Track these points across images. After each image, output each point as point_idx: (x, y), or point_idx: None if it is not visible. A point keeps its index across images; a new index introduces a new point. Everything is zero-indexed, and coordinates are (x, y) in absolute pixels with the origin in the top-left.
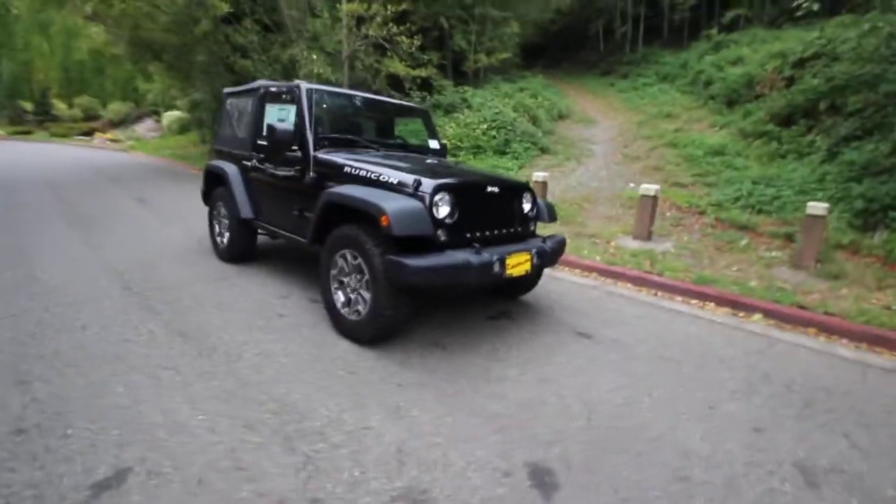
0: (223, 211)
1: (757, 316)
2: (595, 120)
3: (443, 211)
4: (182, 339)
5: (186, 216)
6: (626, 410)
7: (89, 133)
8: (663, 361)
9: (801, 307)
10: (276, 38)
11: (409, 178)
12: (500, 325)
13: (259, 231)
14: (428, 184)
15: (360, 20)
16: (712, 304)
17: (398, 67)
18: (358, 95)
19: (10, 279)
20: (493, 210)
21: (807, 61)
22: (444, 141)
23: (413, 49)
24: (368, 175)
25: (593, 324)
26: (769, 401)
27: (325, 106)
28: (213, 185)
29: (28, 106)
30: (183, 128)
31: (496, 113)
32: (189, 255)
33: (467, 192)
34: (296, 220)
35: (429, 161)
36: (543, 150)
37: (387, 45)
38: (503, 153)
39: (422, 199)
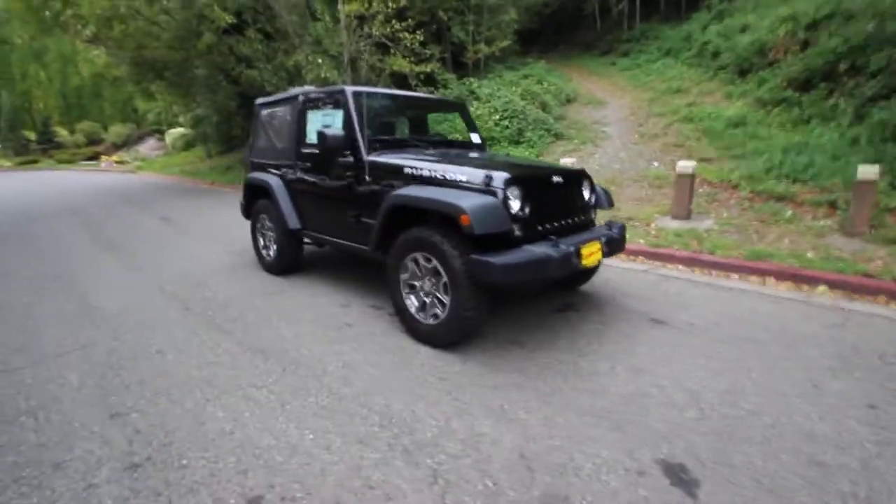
0: (268, 223)
1: (822, 288)
2: (604, 101)
3: (515, 205)
4: (262, 357)
5: (215, 231)
6: (733, 397)
7: (94, 157)
8: (748, 342)
9: (867, 275)
10: (280, 45)
11: (478, 174)
12: (570, 318)
13: (305, 241)
14: (499, 178)
15: (361, 19)
16: (772, 279)
17: (403, 64)
18: (399, 94)
19: (67, 309)
20: (559, 200)
21: (820, 22)
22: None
23: (416, 45)
24: (433, 175)
25: (662, 309)
26: (870, 375)
27: (368, 108)
28: (255, 197)
29: (31, 135)
30: (188, 144)
31: (506, 102)
32: (234, 270)
33: (535, 183)
34: (352, 226)
35: (480, 155)
36: (557, 136)
37: (389, 44)
38: (518, 142)
39: (494, 195)
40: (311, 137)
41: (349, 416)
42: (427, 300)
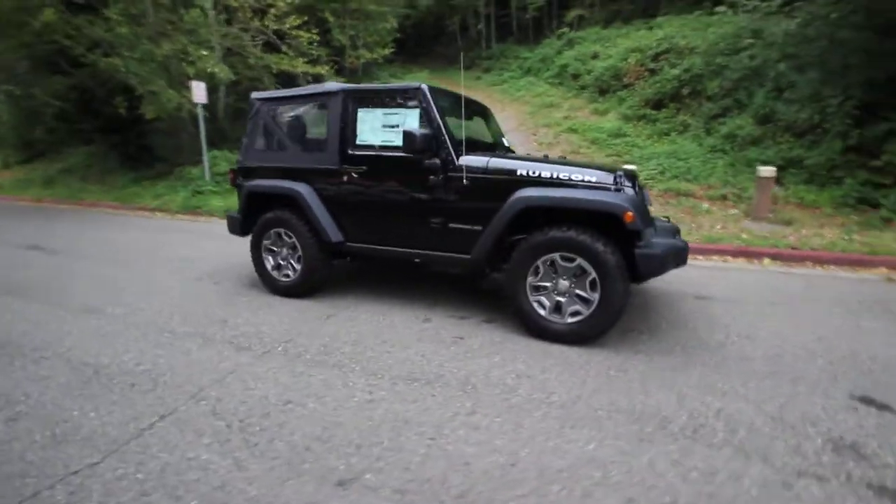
0: (287, 239)
1: (766, 260)
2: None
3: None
4: (425, 385)
5: (137, 257)
6: (818, 340)
7: None
8: (779, 306)
9: (793, 247)
10: (141, 30)
11: (606, 175)
12: (634, 301)
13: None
14: (626, 178)
15: (255, 12)
16: (730, 257)
17: (297, 64)
18: (455, 95)
19: (68, 380)
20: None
21: (661, 55)
22: None
23: (307, 45)
24: (555, 177)
25: (698, 288)
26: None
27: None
28: (259, 209)
29: None
30: None
31: None
32: (234, 298)
33: (636, 182)
34: (436, 234)
35: (559, 158)
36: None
37: (278, 41)
38: None
39: (622, 192)
40: (365, 138)
41: (595, 419)
42: (563, 300)
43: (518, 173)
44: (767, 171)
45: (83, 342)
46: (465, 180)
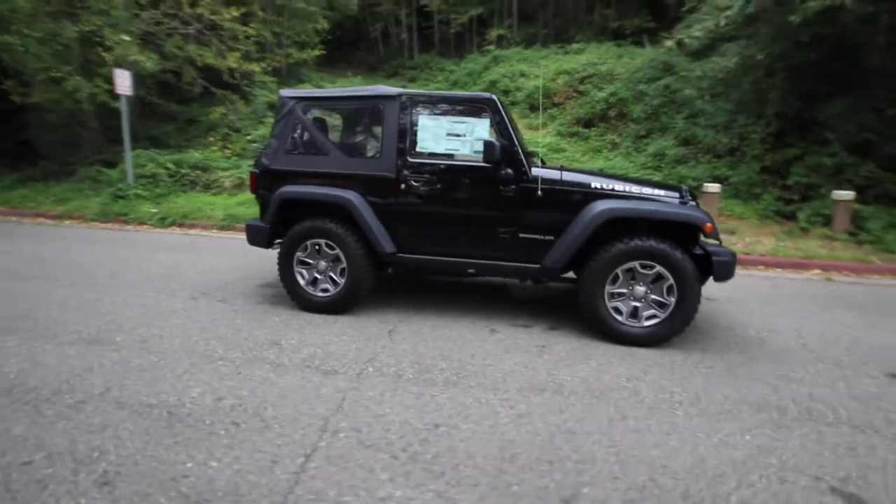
0: (330, 250)
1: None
2: None
3: None
4: (567, 395)
5: (83, 271)
6: (835, 329)
7: None
8: (779, 302)
9: (746, 254)
10: (40, 4)
11: (671, 192)
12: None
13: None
14: (687, 192)
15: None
16: None
17: (232, 59)
18: None
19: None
20: None
21: (587, 78)
22: None
23: (246, 38)
24: (626, 190)
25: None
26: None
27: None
28: (292, 218)
29: None
30: None
31: None
32: (266, 318)
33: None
34: (505, 243)
35: (609, 173)
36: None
37: (206, 32)
38: None
39: (687, 205)
40: (427, 146)
41: (728, 413)
42: (639, 305)
43: (592, 186)
44: (713, 187)
45: (118, 379)
46: (539, 192)
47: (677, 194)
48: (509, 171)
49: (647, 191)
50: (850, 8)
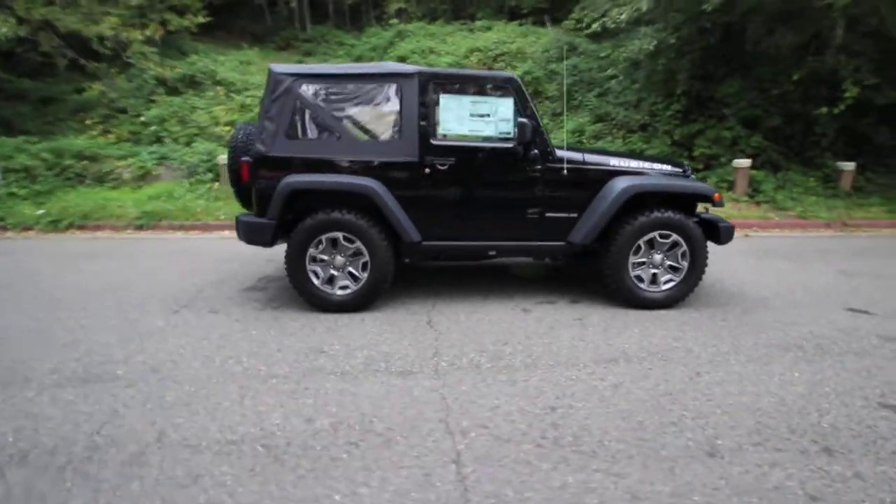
0: (350, 244)
1: None
2: None
3: None
4: (642, 362)
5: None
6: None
7: None
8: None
9: None
10: None
11: (676, 167)
12: None
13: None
14: (686, 167)
15: None
16: None
17: (113, 23)
18: None
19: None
20: None
21: (499, 56)
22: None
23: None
24: (641, 167)
25: None
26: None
27: None
28: (300, 211)
29: None
30: None
31: None
32: (272, 324)
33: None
34: (533, 223)
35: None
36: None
37: None
38: None
39: (688, 178)
40: (450, 127)
41: (773, 356)
42: (657, 271)
43: (612, 164)
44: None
45: (165, 419)
46: (564, 171)
47: (680, 169)
48: (536, 151)
49: (658, 167)
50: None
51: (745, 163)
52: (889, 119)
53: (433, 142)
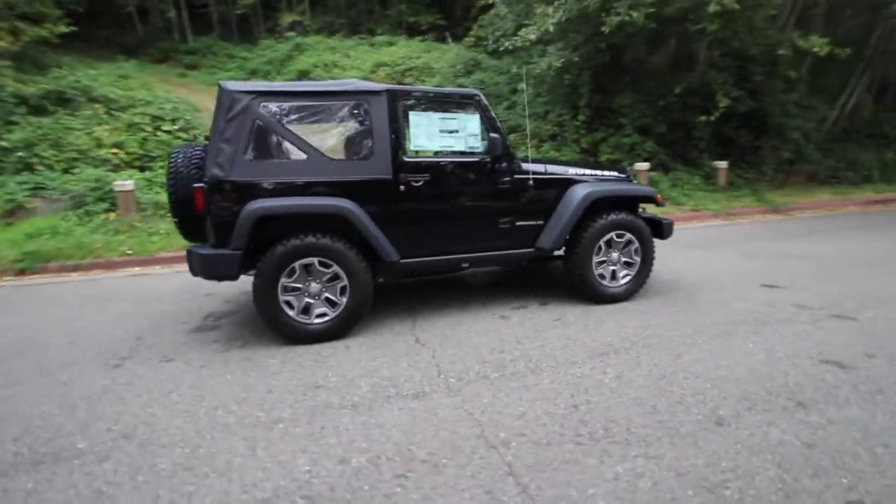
0: (326, 269)
1: None
2: None
3: None
4: (639, 351)
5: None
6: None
7: None
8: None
9: None
10: None
11: (620, 173)
12: None
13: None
14: (628, 172)
15: None
16: None
17: None
18: None
19: None
20: None
21: (407, 71)
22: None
23: None
24: (592, 176)
25: None
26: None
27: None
28: (266, 238)
29: None
30: None
31: (173, 105)
32: (291, 358)
33: None
34: (505, 234)
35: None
36: None
37: None
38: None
39: (630, 182)
40: (421, 144)
41: (755, 327)
42: (616, 268)
43: (570, 174)
44: (643, 165)
45: (170, 492)
46: (530, 181)
47: (624, 175)
48: (504, 164)
49: (606, 174)
50: (636, 22)
51: (644, 166)
52: (748, 124)
53: (406, 159)
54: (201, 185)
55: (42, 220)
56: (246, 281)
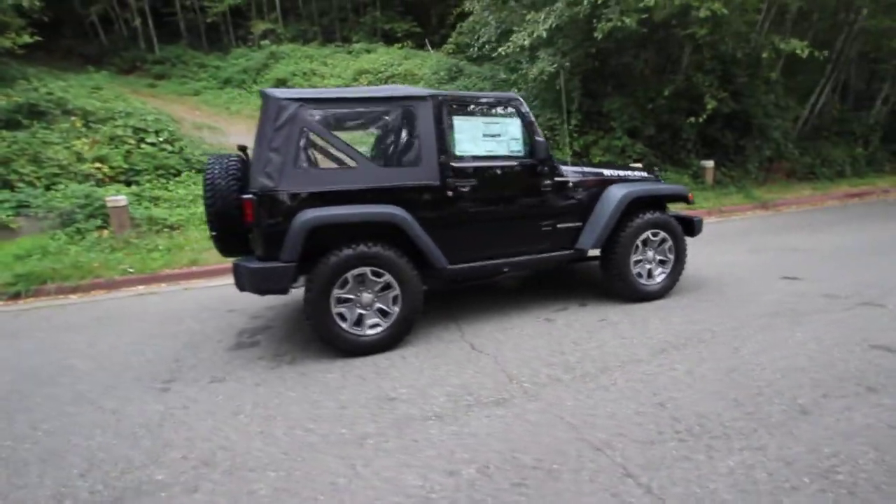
0: (378, 278)
1: None
2: (217, 127)
3: None
4: (697, 346)
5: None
6: None
7: None
8: None
9: None
10: None
11: (650, 174)
12: None
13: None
14: (656, 172)
15: None
16: None
17: None
18: None
19: None
20: None
21: (390, 78)
22: None
23: None
24: (626, 177)
25: None
26: None
27: None
28: (314, 249)
29: None
30: None
31: (154, 116)
32: (311, 384)
33: None
34: (547, 236)
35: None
36: None
37: None
38: (177, 173)
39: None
40: (466, 149)
41: (792, 319)
42: (651, 266)
43: (605, 175)
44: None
45: None
46: (570, 183)
47: (653, 175)
48: (545, 167)
49: (638, 174)
50: (628, 28)
51: (636, 166)
52: (731, 124)
53: (453, 164)
54: (250, 196)
55: (29, 240)
56: (271, 296)
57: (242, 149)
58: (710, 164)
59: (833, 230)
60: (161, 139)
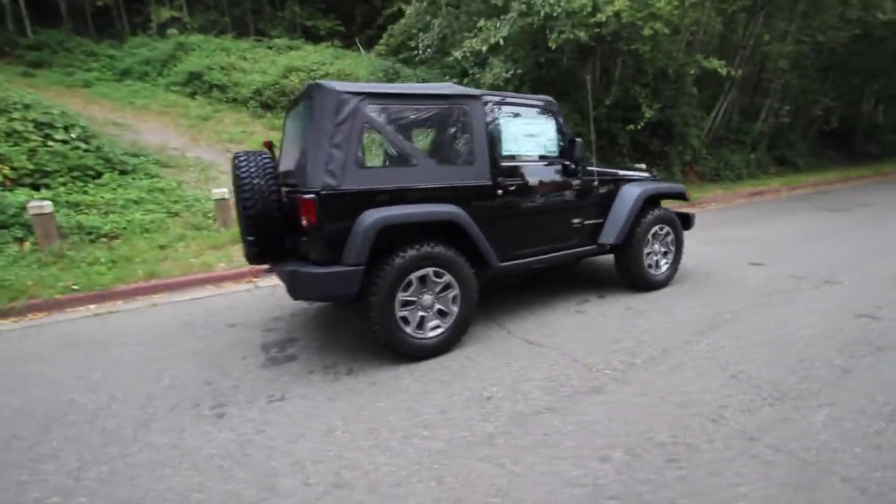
0: (438, 279)
1: None
2: (126, 124)
3: None
4: (726, 329)
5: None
6: None
7: None
8: None
9: None
10: None
11: (649, 174)
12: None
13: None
14: (653, 172)
15: None
16: None
17: None
18: None
19: None
20: None
21: (324, 77)
22: None
23: None
24: (633, 177)
25: None
26: None
27: None
28: (383, 250)
29: None
30: None
31: (61, 109)
32: (379, 391)
33: None
34: (576, 233)
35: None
36: (158, 167)
37: None
38: (97, 175)
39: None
40: (510, 149)
41: (803, 297)
42: (658, 258)
43: (620, 175)
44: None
45: None
46: (595, 182)
47: (651, 175)
48: (577, 166)
49: (642, 174)
50: (579, 39)
51: (640, 167)
52: (657, 133)
53: (501, 163)
54: (312, 196)
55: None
56: (276, 305)
57: (269, 146)
58: (642, 167)
59: (761, 223)
60: (73, 136)
